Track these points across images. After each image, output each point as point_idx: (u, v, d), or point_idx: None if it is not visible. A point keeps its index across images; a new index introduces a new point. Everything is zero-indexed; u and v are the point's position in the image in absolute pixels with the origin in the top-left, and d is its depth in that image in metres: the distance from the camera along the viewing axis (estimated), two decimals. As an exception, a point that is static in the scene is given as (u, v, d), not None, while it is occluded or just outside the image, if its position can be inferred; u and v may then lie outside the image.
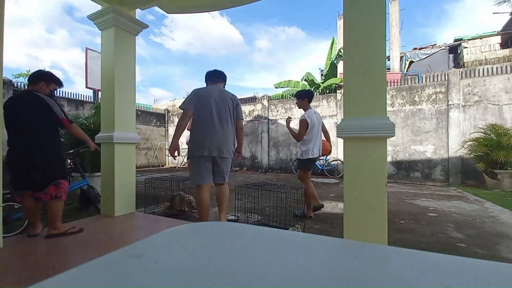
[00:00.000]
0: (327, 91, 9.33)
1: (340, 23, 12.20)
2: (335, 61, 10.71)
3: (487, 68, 6.41)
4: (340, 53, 10.14)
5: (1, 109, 2.00)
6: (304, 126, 3.08)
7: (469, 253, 2.17)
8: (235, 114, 2.43)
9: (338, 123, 1.78)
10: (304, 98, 3.21)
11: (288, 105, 8.98)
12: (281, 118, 9.05)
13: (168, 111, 12.48)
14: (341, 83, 8.63)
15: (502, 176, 5.06)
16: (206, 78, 2.54)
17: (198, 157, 2.25)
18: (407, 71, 11.47)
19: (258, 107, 9.60)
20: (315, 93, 9.76)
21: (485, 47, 10.91)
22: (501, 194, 4.73)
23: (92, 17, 2.91)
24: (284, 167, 8.89)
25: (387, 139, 1.67)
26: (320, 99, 8.43)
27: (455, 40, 12.19)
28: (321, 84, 10.44)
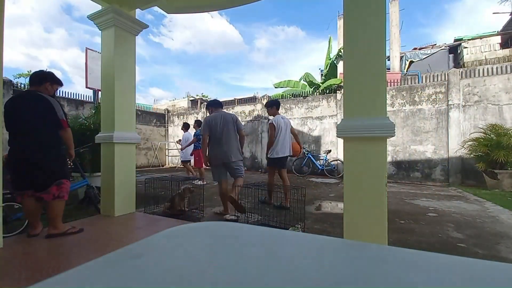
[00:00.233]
0: (327, 91, 9.33)
1: (340, 23, 12.21)
2: (335, 61, 10.71)
3: (487, 68, 6.41)
4: (340, 53, 10.14)
5: (1, 109, 2.00)
6: (272, 129, 3.76)
7: (469, 253, 2.17)
8: (237, 127, 3.30)
9: (338, 123, 1.78)
10: (273, 107, 3.89)
11: (288, 105, 8.98)
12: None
13: (168, 111, 12.47)
14: (341, 84, 8.63)
15: (502, 176, 5.06)
16: (209, 105, 3.47)
17: (215, 164, 3.25)
18: (407, 71, 11.46)
19: (258, 107, 9.60)
20: (315, 93, 9.77)
21: (485, 47, 10.91)
22: (501, 194, 4.73)
23: (92, 17, 2.91)
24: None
25: (387, 139, 1.67)
26: (320, 99, 8.43)
27: (455, 40, 12.18)
28: (321, 85, 10.44)
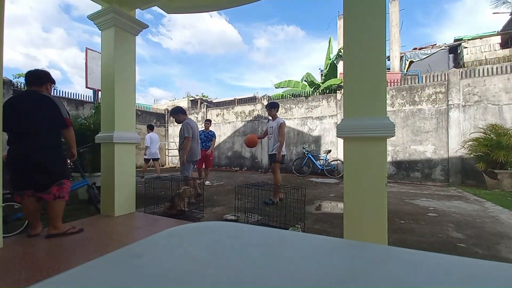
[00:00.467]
0: (327, 91, 9.33)
1: (340, 23, 12.21)
2: (335, 61, 10.71)
3: (487, 68, 6.41)
4: (340, 53, 10.14)
5: (1, 109, 2.00)
6: (284, 128, 4.17)
7: (469, 253, 2.17)
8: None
9: (338, 123, 1.78)
10: (275, 108, 4.34)
11: (288, 105, 8.97)
12: (281, 119, 9.05)
13: (168, 111, 12.47)
14: (341, 84, 8.62)
15: (502, 176, 5.06)
16: (179, 112, 4.02)
17: (194, 161, 4.04)
18: (407, 71, 11.47)
19: (258, 107, 9.60)
20: (315, 93, 9.77)
21: (485, 47, 10.90)
22: (501, 194, 4.73)
23: (92, 17, 2.91)
24: (284, 167, 8.86)
25: (387, 139, 1.67)
26: (320, 99, 8.43)
27: (455, 40, 12.18)
28: (321, 85, 10.44)
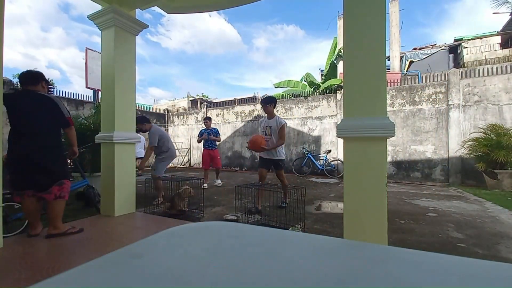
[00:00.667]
0: (327, 91, 9.33)
1: (340, 23, 12.20)
2: (335, 61, 10.71)
3: (487, 68, 6.41)
4: (340, 53, 10.14)
5: (2, 109, 1.99)
6: (285, 129, 3.62)
7: (469, 253, 2.17)
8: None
9: (338, 123, 1.78)
10: (272, 104, 3.59)
11: (288, 105, 8.97)
12: (281, 118, 9.05)
13: (168, 111, 12.47)
14: (341, 84, 8.62)
15: (502, 176, 5.05)
16: (144, 121, 3.88)
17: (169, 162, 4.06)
18: (407, 71, 11.46)
19: (258, 107, 9.59)
20: (315, 93, 9.77)
21: (485, 47, 10.90)
22: (501, 194, 4.73)
23: (92, 17, 2.91)
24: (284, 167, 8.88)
25: (387, 139, 1.67)
26: (320, 99, 8.42)
27: (455, 40, 12.18)
28: (321, 85, 10.44)
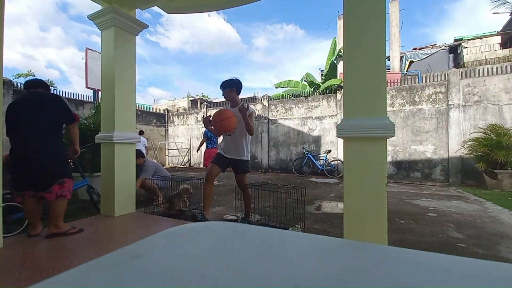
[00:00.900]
0: (327, 91, 9.33)
1: (340, 23, 12.20)
2: (335, 61, 10.71)
3: (487, 68, 6.40)
4: (340, 53, 10.13)
5: (2, 110, 2.00)
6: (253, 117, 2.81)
7: (469, 253, 2.17)
8: None
9: (338, 123, 1.78)
10: (232, 88, 2.91)
11: (288, 105, 8.97)
12: (281, 118, 9.06)
13: (168, 111, 12.47)
14: (341, 84, 8.62)
15: (502, 176, 5.05)
16: (142, 156, 3.94)
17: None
18: (407, 71, 11.46)
19: (258, 107, 9.59)
20: (315, 93, 9.77)
21: (485, 47, 10.90)
22: (501, 194, 4.73)
23: (92, 17, 2.91)
24: (284, 167, 8.88)
25: (387, 139, 1.67)
26: (320, 99, 8.43)
27: (455, 40, 12.18)
28: (321, 85, 10.44)
